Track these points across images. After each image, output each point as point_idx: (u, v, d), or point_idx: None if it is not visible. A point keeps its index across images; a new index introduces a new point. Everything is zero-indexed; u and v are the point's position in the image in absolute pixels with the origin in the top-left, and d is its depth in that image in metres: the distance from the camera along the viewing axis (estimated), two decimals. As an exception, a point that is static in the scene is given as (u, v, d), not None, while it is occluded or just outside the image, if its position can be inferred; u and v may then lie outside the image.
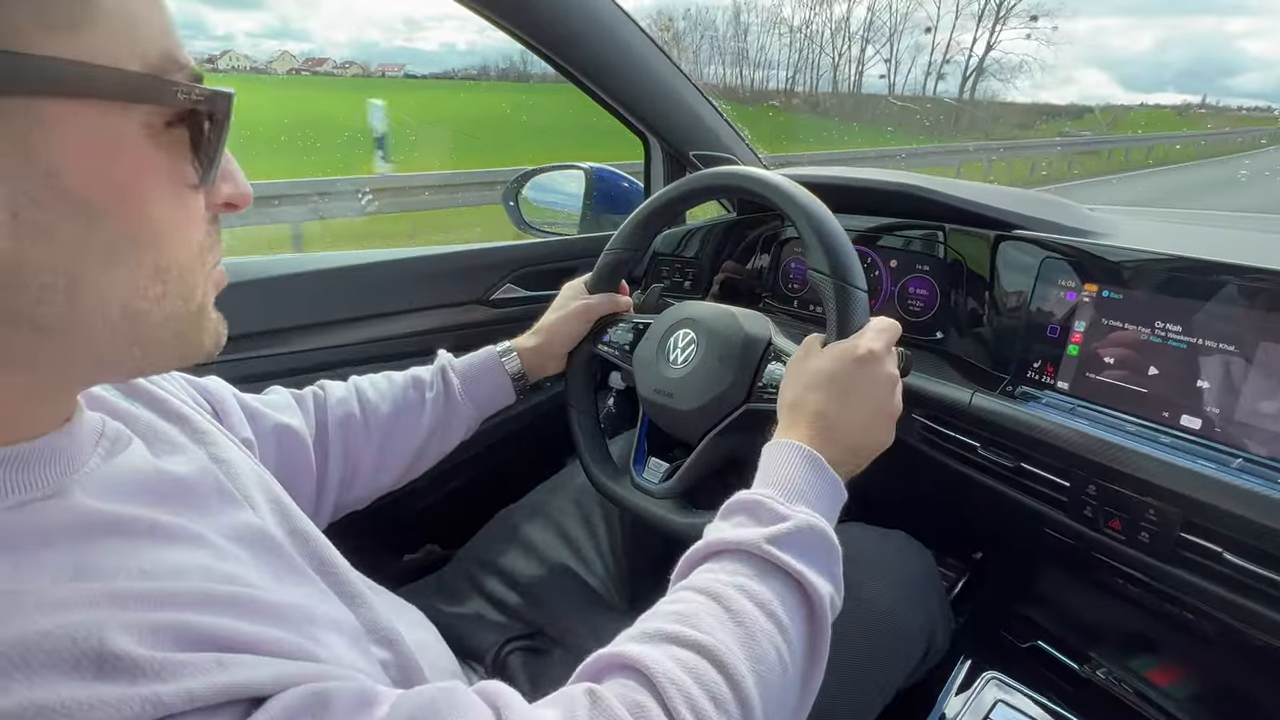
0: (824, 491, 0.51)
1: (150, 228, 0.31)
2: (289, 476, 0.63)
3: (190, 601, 0.30)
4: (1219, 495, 0.55)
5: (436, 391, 0.73)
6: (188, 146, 0.32)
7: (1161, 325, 0.62)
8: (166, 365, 0.36)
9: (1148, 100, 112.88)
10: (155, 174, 0.31)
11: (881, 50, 38.40)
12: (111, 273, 0.30)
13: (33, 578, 0.28)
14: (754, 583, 0.44)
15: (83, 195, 0.28)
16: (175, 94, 0.30)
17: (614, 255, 0.80)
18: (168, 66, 0.30)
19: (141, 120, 0.30)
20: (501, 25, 0.92)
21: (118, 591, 0.28)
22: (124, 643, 0.26)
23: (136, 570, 0.30)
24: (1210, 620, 0.62)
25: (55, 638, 0.25)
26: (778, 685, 0.41)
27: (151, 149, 0.31)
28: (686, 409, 0.70)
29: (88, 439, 0.36)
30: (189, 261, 0.34)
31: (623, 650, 0.40)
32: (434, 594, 0.78)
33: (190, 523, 0.36)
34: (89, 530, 0.31)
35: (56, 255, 0.28)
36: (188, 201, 0.33)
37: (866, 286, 0.62)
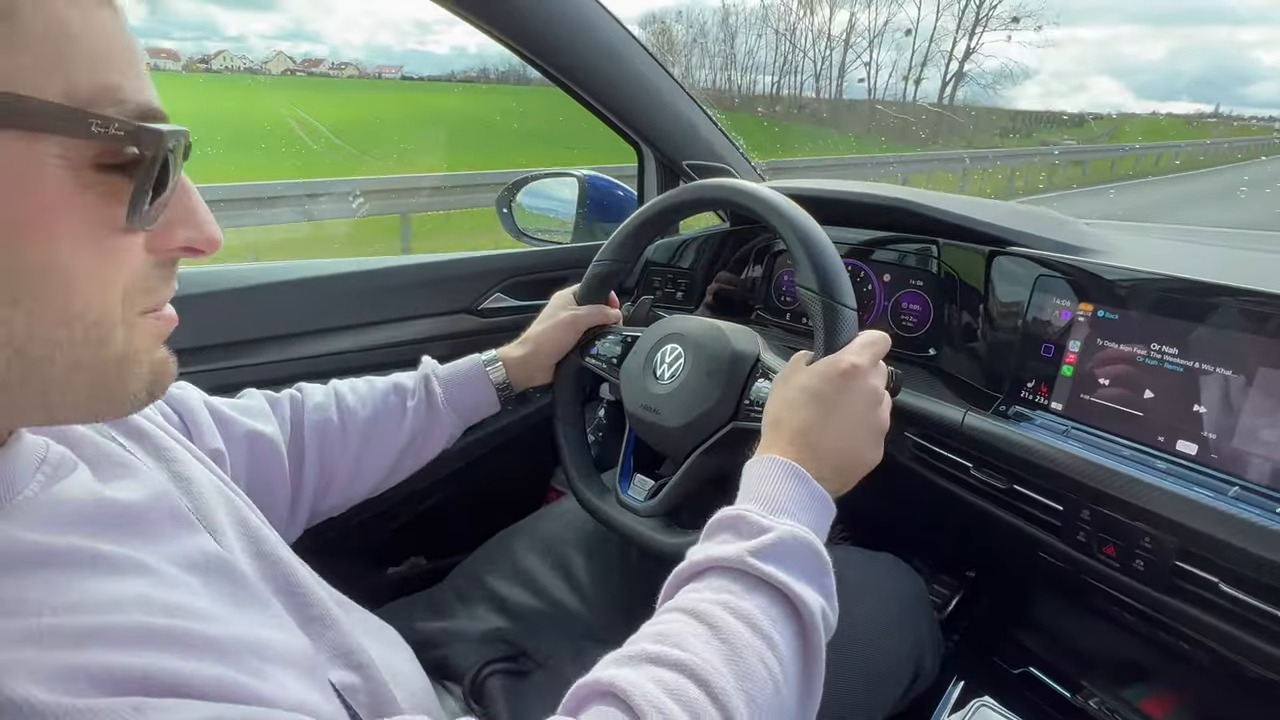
0: (808, 504, 0.49)
1: (54, 270, 0.28)
2: (262, 484, 0.62)
3: (120, 640, 0.29)
4: (1215, 524, 0.53)
5: (418, 399, 0.72)
6: (121, 187, 0.30)
7: (1158, 347, 0.61)
8: (86, 416, 0.34)
9: (1159, 109, 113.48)
10: (70, 213, 0.28)
11: (863, 55, 37.24)
12: (4, 312, 0.28)
13: None
14: (739, 599, 0.42)
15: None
16: (90, 127, 0.28)
17: (603, 267, 0.79)
18: (101, 99, 0.28)
19: (57, 154, 0.28)
20: (494, 34, 0.91)
21: (37, 630, 0.27)
22: (25, 689, 0.25)
23: (63, 605, 0.29)
24: (1205, 651, 0.61)
25: None
26: (769, 704, 0.39)
27: (70, 186, 0.28)
28: (673, 426, 0.69)
29: (27, 465, 0.34)
30: (107, 309, 0.31)
31: (601, 676, 0.38)
32: (419, 611, 0.76)
33: (134, 551, 0.35)
34: (16, 564, 0.29)
35: None
36: (114, 245, 0.31)
37: (855, 304, 0.60)
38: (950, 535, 0.91)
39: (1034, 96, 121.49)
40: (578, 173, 1.25)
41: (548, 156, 9.74)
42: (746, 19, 30.59)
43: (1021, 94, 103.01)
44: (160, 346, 0.35)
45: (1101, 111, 74.14)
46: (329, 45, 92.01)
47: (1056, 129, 25.54)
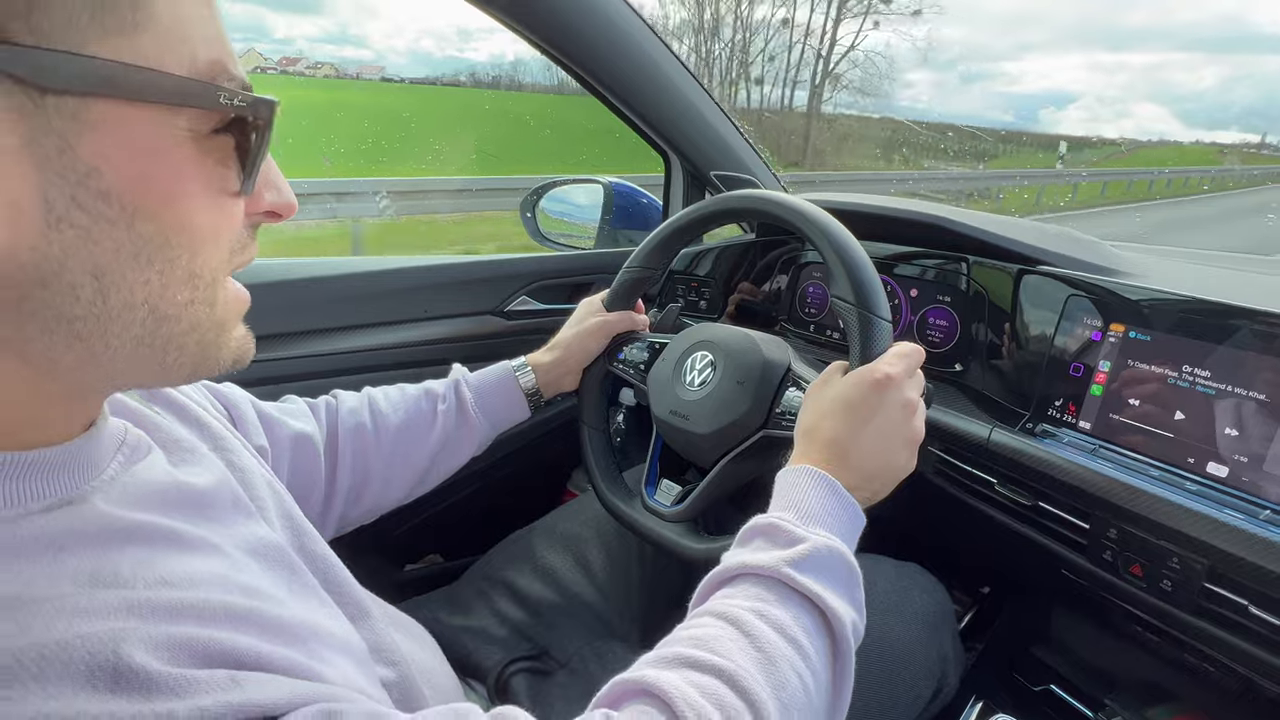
0: (840, 515, 0.50)
1: (187, 232, 0.31)
2: (300, 486, 0.63)
3: (207, 615, 0.30)
4: (1245, 546, 0.53)
5: (449, 404, 0.72)
6: (231, 153, 0.32)
7: (1189, 369, 0.61)
8: (189, 375, 0.35)
9: (1204, 137, 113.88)
10: (197, 179, 0.31)
11: (754, 62, 31.83)
12: (143, 274, 0.30)
13: (51, 585, 0.27)
14: (773, 607, 0.43)
15: (123, 196, 0.28)
16: (219, 99, 0.30)
17: (632, 274, 0.80)
18: (216, 73, 0.30)
19: (186, 125, 0.30)
20: (532, 40, 0.93)
21: (135, 601, 0.28)
22: (140, 656, 0.26)
23: (155, 579, 0.30)
24: (1232, 673, 0.61)
25: (72, 648, 0.25)
26: (801, 711, 0.40)
27: (195, 154, 0.30)
28: (702, 432, 0.69)
29: (109, 446, 0.35)
30: (218, 270, 0.33)
31: (641, 675, 0.39)
32: (440, 607, 0.77)
33: (208, 533, 0.36)
34: (108, 537, 0.31)
35: (90, 255, 0.28)
36: (227, 207, 0.33)
37: (890, 316, 0.61)
38: (970, 549, 0.92)
39: (1077, 121, 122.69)
40: (603, 180, 1.26)
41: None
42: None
43: (1064, 118, 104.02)
44: (240, 323, 0.37)
45: (1142, 138, 74.46)
46: (374, 50, 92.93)
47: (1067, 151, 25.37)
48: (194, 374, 0.35)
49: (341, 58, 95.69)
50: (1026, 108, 45.34)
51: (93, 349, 0.30)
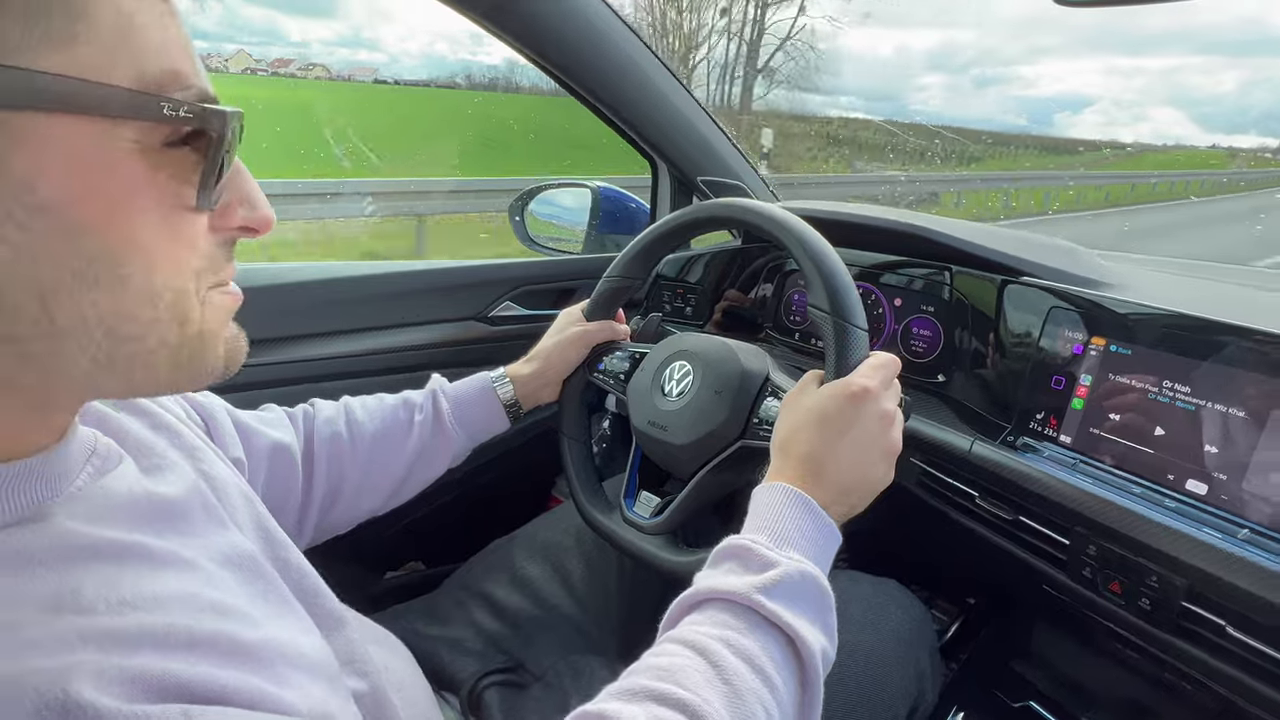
0: (815, 536, 0.49)
1: (137, 250, 0.30)
2: (276, 496, 0.62)
3: (167, 643, 0.29)
4: (1223, 566, 0.53)
5: (425, 415, 0.72)
6: (189, 167, 0.31)
7: (1170, 385, 0.61)
8: (165, 389, 0.35)
9: (1221, 142, 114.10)
10: (147, 194, 0.30)
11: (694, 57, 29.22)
12: (91, 293, 0.29)
13: (9, 609, 0.27)
14: (742, 636, 0.42)
15: (63, 212, 0.27)
16: (163, 110, 0.29)
17: (613, 283, 0.79)
18: (167, 84, 0.29)
19: (133, 138, 0.29)
20: (517, 47, 0.92)
21: (93, 630, 0.27)
22: (89, 693, 0.25)
23: (117, 601, 0.29)
24: (1209, 692, 0.60)
25: (21, 685, 0.24)
26: None
27: (144, 168, 0.29)
28: (680, 443, 0.68)
29: (78, 457, 0.35)
30: (183, 287, 0.32)
31: (602, 709, 0.38)
32: (418, 617, 0.76)
33: (179, 547, 0.35)
34: (72, 556, 0.30)
35: (31, 273, 0.27)
36: (184, 224, 0.32)
37: (867, 325, 0.60)
38: (953, 563, 0.91)
39: (1092, 125, 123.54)
40: (590, 184, 1.25)
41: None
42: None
43: (1079, 122, 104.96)
44: (231, 323, 0.37)
45: (1157, 142, 74.26)
46: (388, 53, 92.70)
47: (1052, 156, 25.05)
48: (173, 387, 0.34)
49: (355, 61, 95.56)
50: (1041, 112, 46.15)
51: (46, 368, 0.29)
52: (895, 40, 33.04)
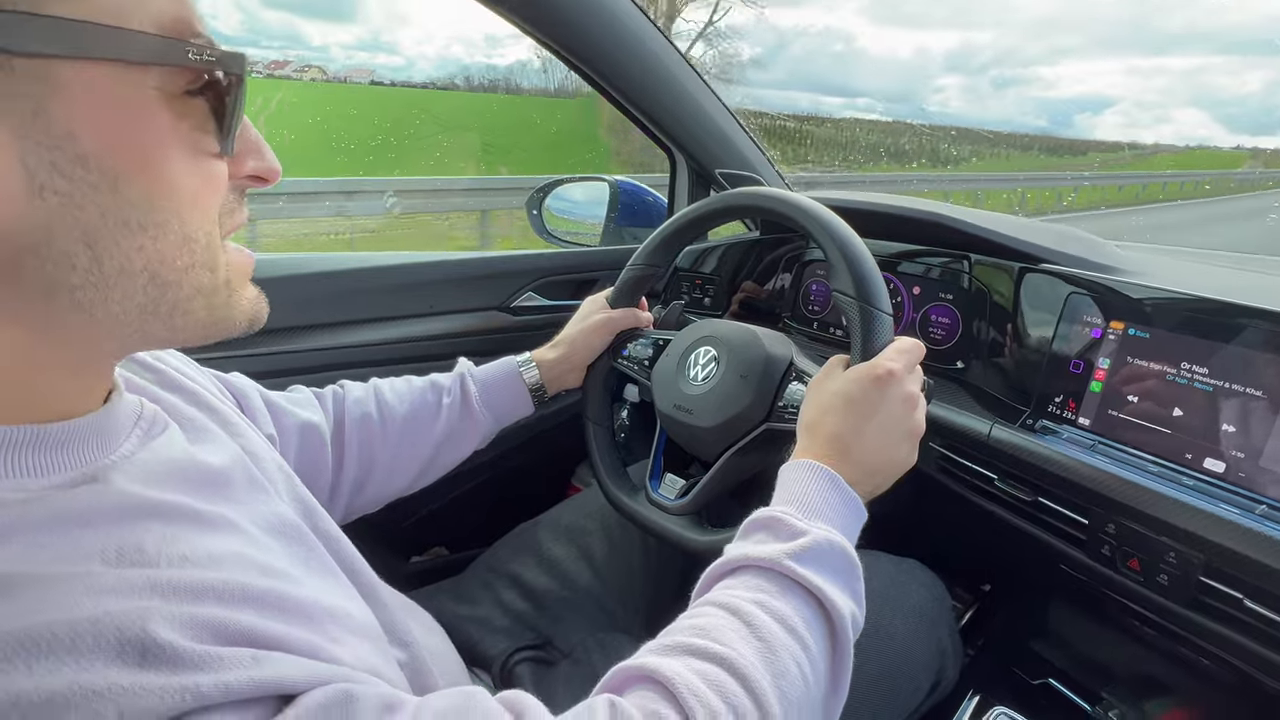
0: (842, 509, 0.50)
1: (172, 195, 0.31)
2: (306, 475, 0.64)
3: (227, 596, 0.30)
4: (1241, 541, 0.54)
5: (454, 398, 0.73)
6: (207, 115, 0.32)
7: (1188, 366, 0.62)
8: (201, 337, 0.36)
9: (1246, 143, 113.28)
10: (175, 141, 0.31)
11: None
12: (135, 239, 0.30)
13: (79, 562, 0.28)
14: (774, 599, 0.44)
15: (102, 160, 0.28)
16: (187, 54, 0.30)
17: (637, 271, 0.81)
18: (181, 31, 0.30)
19: (157, 85, 0.30)
20: (542, 40, 0.94)
21: (159, 580, 0.29)
22: (166, 633, 0.26)
23: (178, 557, 0.31)
24: (1227, 667, 0.61)
25: (102, 624, 0.25)
26: (800, 701, 0.41)
27: (169, 115, 0.31)
28: (706, 426, 0.70)
29: (126, 420, 0.36)
30: (212, 233, 0.34)
31: (643, 662, 0.39)
32: (446, 598, 0.78)
33: (227, 511, 0.36)
34: (130, 514, 0.31)
35: (78, 221, 0.28)
36: (209, 169, 0.33)
37: (891, 310, 0.62)
38: (971, 545, 0.92)
39: (1113, 126, 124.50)
40: (608, 178, 1.27)
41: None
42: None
43: (1100, 123, 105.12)
44: (250, 284, 0.38)
45: (1179, 144, 73.33)
46: (405, 56, 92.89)
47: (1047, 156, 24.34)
48: (207, 335, 0.36)
49: (374, 64, 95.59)
50: (1061, 113, 45.99)
51: (96, 317, 0.30)
52: (913, 41, 33.02)
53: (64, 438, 0.32)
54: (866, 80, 48.87)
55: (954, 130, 24.37)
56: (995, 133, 32.62)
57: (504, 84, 25.69)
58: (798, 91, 32.43)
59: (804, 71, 32.72)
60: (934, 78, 55.15)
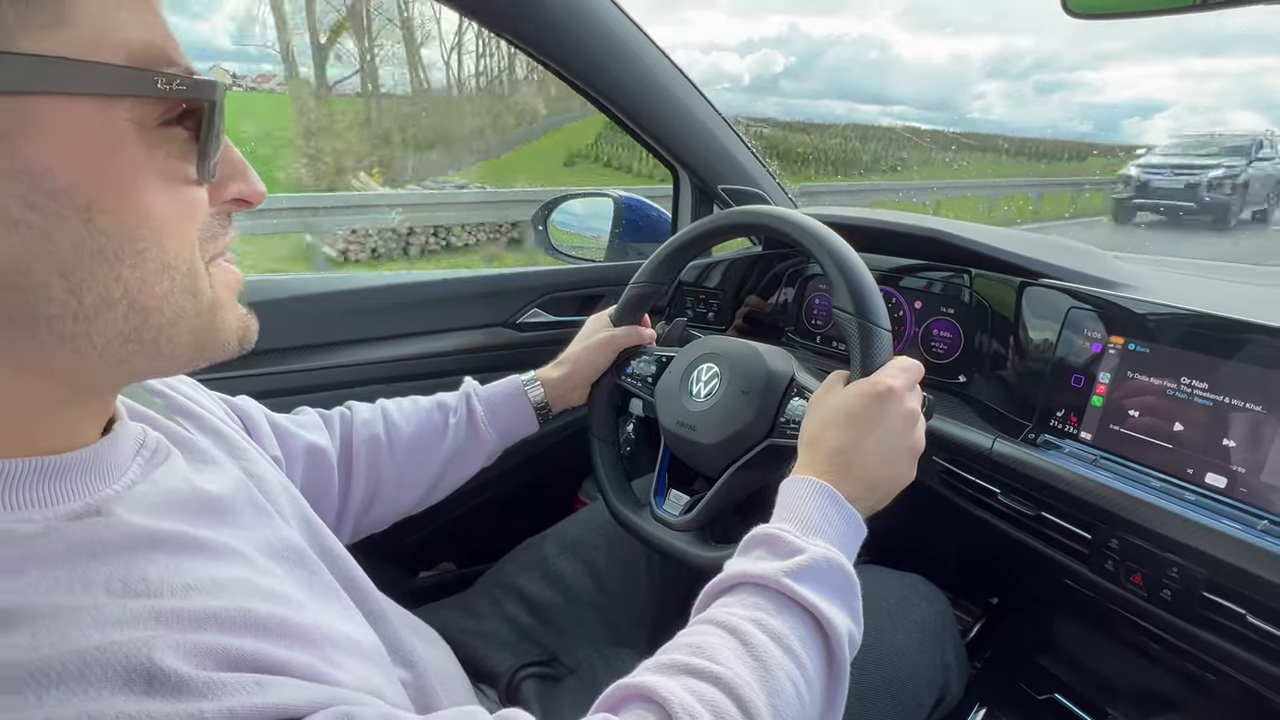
0: (841, 525, 0.51)
1: (149, 224, 0.31)
2: (314, 496, 0.65)
3: (229, 623, 0.31)
4: (1243, 557, 0.54)
5: (459, 417, 0.74)
6: (185, 143, 0.32)
7: (1188, 381, 0.62)
8: (190, 362, 0.36)
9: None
10: (151, 170, 0.31)
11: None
12: (113, 269, 0.30)
13: (86, 593, 0.28)
14: (771, 617, 0.44)
15: (75, 193, 0.29)
16: (156, 84, 0.30)
17: (639, 289, 0.82)
18: (154, 60, 0.31)
19: (129, 116, 0.30)
20: (545, 63, 0.95)
21: (164, 610, 0.29)
22: (171, 661, 0.27)
23: (181, 586, 0.31)
24: (1232, 682, 0.61)
25: (109, 654, 0.26)
26: (795, 719, 0.41)
27: (143, 146, 0.31)
28: (709, 442, 0.71)
29: (127, 450, 0.37)
30: (193, 259, 0.34)
31: (640, 681, 0.40)
32: (453, 613, 0.78)
33: (229, 538, 0.37)
34: (134, 546, 0.32)
35: (52, 254, 0.29)
36: (187, 197, 0.33)
37: (890, 326, 0.62)
38: (976, 560, 0.92)
39: (1165, 130, 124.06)
40: (613, 193, 1.28)
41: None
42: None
43: (1150, 128, 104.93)
44: (238, 303, 0.38)
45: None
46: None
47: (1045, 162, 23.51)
48: (196, 360, 0.36)
49: (219, 66, 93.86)
50: (1108, 118, 45.66)
51: (79, 349, 0.31)
52: (950, 47, 32.90)
53: (65, 469, 0.32)
54: (903, 88, 49.56)
55: (960, 136, 24.05)
56: (1008, 138, 32.18)
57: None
58: (833, 100, 32.77)
59: (839, 80, 33.18)
60: (973, 84, 55.71)
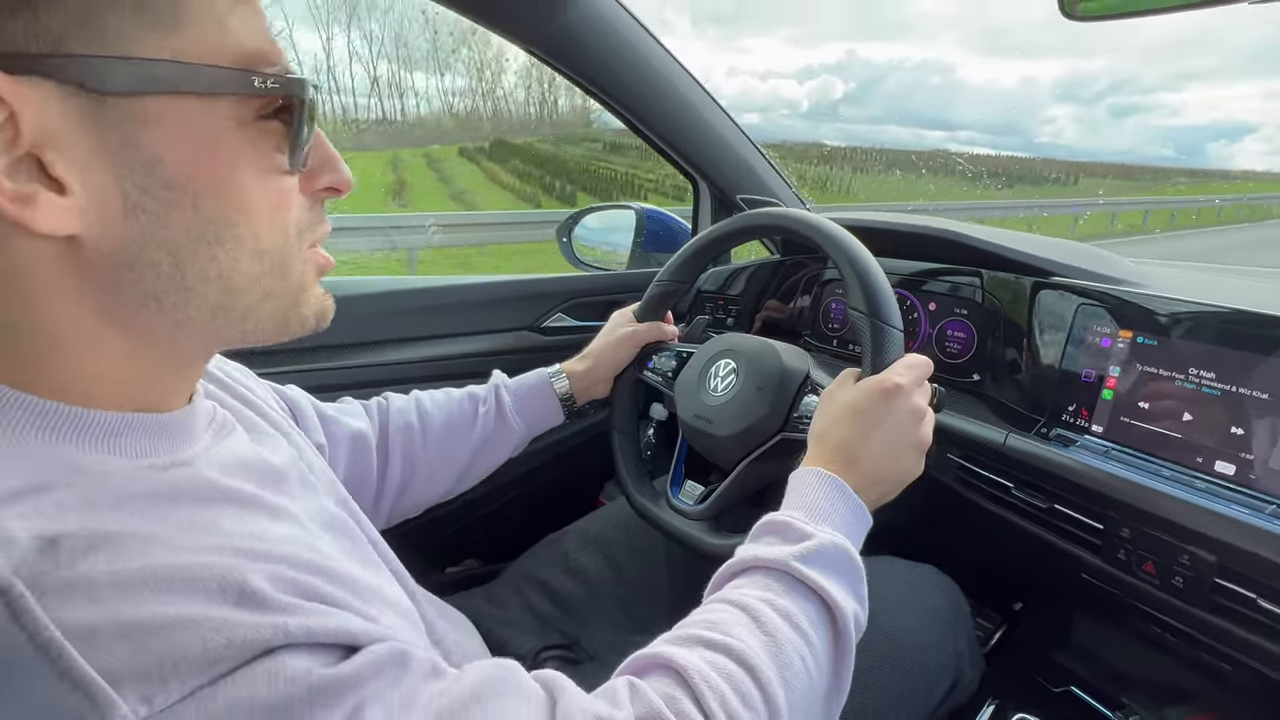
0: (847, 514, 0.53)
1: (246, 211, 0.35)
2: (354, 480, 0.69)
3: (295, 564, 0.34)
4: (1252, 541, 0.55)
5: (489, 407, 0.78)
6: (279, 136, 0.36)
7: (1196, 372, 0.63)
8: (273, 335, 0.40)
9: None
10: (249, 162, 0.35)
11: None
12: (211, 250, 0.34)
13: (182, 527, 0.32)
14: (780, 597, 0.46)
15: (184, 182, 0.32)
16: (254, 83, 0.34)
17: (662, 286, 0.85)
18: (255, 61, 0.34)
19: (231, 112, 0.33)
20: (575, 80, 1.00)
21: (242, 547, 0.33)
22: (258, 582, 0.30)
23: (250, 534, 0.34)
24: (1246, 670, 0.61)
25: (208, 569, 0.29)
26: (803, 692, 0.43)
27: (242, 138, 0.34)
28: (724, 435, 0.73)
29: (203, 420, 0.41)
30: (284, 243, 0.37)
31: (659, 651, 0.43)
32: (478, 602, 0.81)
33: (286, 503, 0.40)
34: (210, 497, 0.35)
35: (164, 236, 0.33)
36: (281, 186, 0.37)
37: (902, 325, 0.64)
38: (993, 558, 0.93)
39: (1254, 154, 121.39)
40: (635, 205, 1.33)
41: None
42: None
43: (1238, 151, 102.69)
44: (319, 285, 0.42)
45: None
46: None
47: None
48: (280, 334, 0.40)
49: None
50: (1191, 142, 45.29)
51: (177, 319, 0.35)
52: (1018, 71, 33.13)
53: (157, 427, 0.36)
54: (968, 112, 49.83)
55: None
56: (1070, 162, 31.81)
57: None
58: (896, 126, 33.03)
59: (901, 106, 33.56)
60: (1043, 108, 55.82)
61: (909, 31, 74.02)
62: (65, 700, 0.24)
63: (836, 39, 63.85)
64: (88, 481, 0.31)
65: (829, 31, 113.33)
